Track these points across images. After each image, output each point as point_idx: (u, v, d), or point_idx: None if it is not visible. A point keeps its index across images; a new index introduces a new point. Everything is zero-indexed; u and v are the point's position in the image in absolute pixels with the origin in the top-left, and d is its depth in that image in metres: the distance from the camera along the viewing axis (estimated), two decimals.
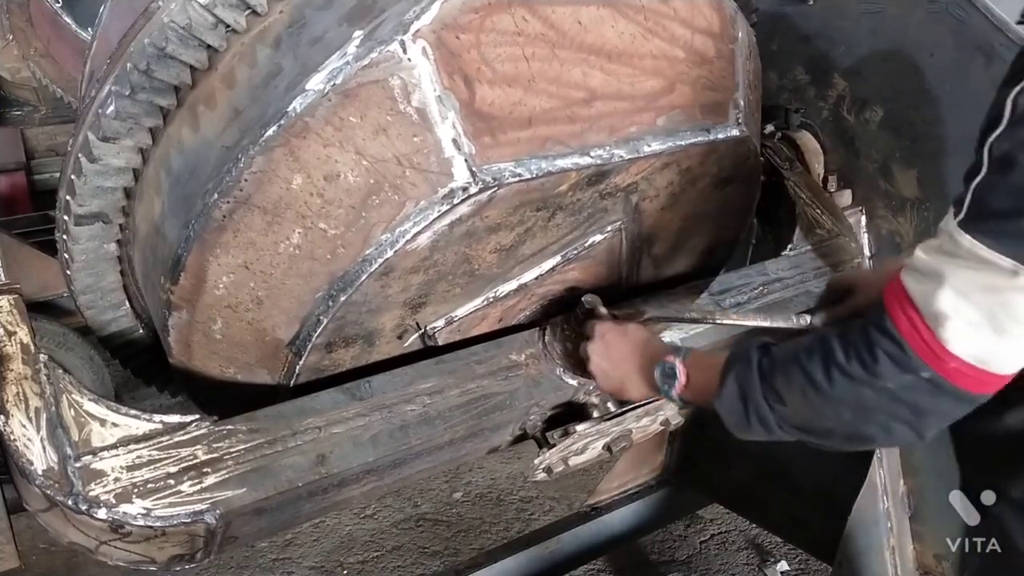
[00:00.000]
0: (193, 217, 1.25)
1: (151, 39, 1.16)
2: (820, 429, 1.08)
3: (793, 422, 1.10)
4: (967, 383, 0.97)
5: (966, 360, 0.95)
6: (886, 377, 0.99)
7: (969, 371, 0.96)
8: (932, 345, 0.96)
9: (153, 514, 1.17)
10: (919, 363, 0.97)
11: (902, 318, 0.98)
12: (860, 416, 1.03)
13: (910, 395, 0.99)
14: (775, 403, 1.10)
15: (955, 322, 0.94)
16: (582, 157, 1.31)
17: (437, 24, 1.19)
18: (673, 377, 1.29)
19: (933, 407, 1.00)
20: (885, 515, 2.04)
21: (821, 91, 2.16)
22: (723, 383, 1.17)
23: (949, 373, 0.96)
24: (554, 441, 1.54)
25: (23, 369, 1.19)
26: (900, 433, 1.04)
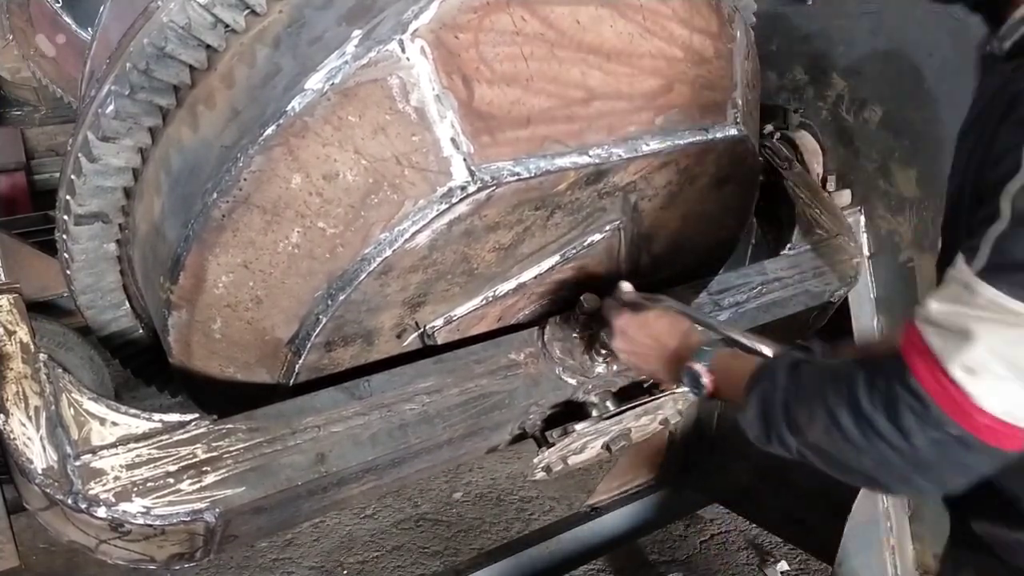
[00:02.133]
0: (192, 217, 1.25)
1: (151, 39, 1.16)
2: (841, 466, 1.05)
3: (815, 454, 1.07)
4: (998, 439, 0.93)
5: (997, 416, 0.91)
6: (912, 436, 0.95)
7: (1000, 427, 0.92)
8: (960, 402, 0.92)
9: (153, 513, 1.17)
10: (946, 419, 0.93)
11: (925, 374, 0.94)
12: (882, 467, 1.00)
13: (936, 453, 0.95)
14: (795, 433, 1.08)
15: (984, 378, 0.90)
16: (580, 156, 1.32)
17: (436, 23, 1.19)
18: (699, 385, 1.29)
19: (961, 464, 0.96)
20: (885, 515, 2.04)
21: (820, 91, 2.16)
22: (747, 400, 1.15)
23: (979, 430, 0.92)
24: (553, 440, 1.54)
25: (23, 368, 1.19)
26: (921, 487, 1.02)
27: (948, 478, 1.00)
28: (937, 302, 0.95)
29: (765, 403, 1.12)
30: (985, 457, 0.95)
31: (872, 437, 0.98)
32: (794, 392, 1.09)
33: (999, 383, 0.90)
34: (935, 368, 0.93)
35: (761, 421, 1.12)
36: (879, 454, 0.98)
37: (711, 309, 1.75)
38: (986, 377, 0.90)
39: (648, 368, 1.44)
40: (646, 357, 1.42)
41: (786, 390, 1.10)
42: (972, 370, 0.91)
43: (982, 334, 0.90)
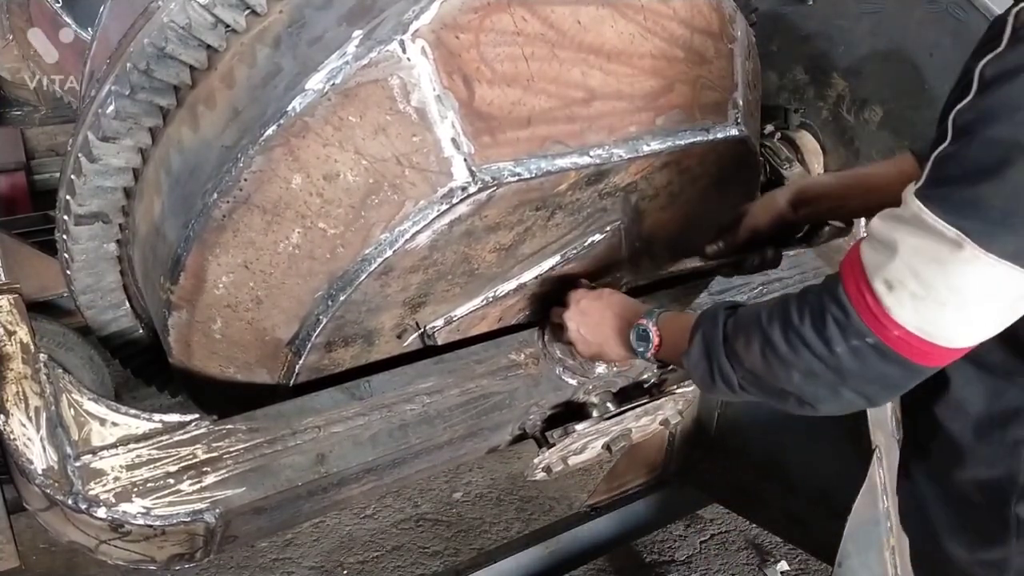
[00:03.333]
0: (193, 217, 1.25)
1: (151, 39, 1.16)
2: (774, 390, 1.09)
3: (752, 382, 1.11)
4: (911, 353, 0.96)
5: (909, 330, 0.95)
6: (834, 343, 0.99)
7: (913, 340, 0.95)
8: (876, 312, 0.95)
9: (153, 513, 1.17)
10: (864, 329, 0.97)
11: (852, 285, 0.98)
12: (809, 380, 1.03)
13: (856, 361, 0.99)
14: (736, 363, 1.12)
15: (899, 291, 0.94)
16: (581, 156, 1.32)
17: (436, 24, 1.19)
18: (647, 340, 1.31)
19: (880, 374, 0.99)
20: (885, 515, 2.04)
21: (821, 91, 2.16)
22: (691, 342, 1.19)
23: (892, 341, 0.96)
24: (553, 441, 1.54)
25: (23, 368, 1.19)
26: (848, 399, 1.04)
27: (870, 390, 1.03)
28: (879, 218, 0.99)
29: (707, 339, 1.16)
30: (900, 369, 0.99)
31: (799, 348, 1.02)
32: (733, 325, 1.14)
33: (912, 299, 0.93)
34: (860, 280, 0.97)
35: (704, 359, 1.16)
36: (806, 365, 1.02)
37: None
38: (902, 292, 0.93)
39: (597, 338, 1.44)
40: (597, 327, 1.43)
41: (726, 324, 1.14)
42: (890, 284, 0.94)
43: (903, 247, 0.93)
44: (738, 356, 1.11)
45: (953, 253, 0.89)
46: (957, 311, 0.93)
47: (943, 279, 0.91)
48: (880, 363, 0.98)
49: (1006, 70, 0.88)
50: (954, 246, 0.89)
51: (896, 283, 0.94)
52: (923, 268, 0.92)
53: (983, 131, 0.88)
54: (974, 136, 0.89)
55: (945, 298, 0.92)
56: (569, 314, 1.47)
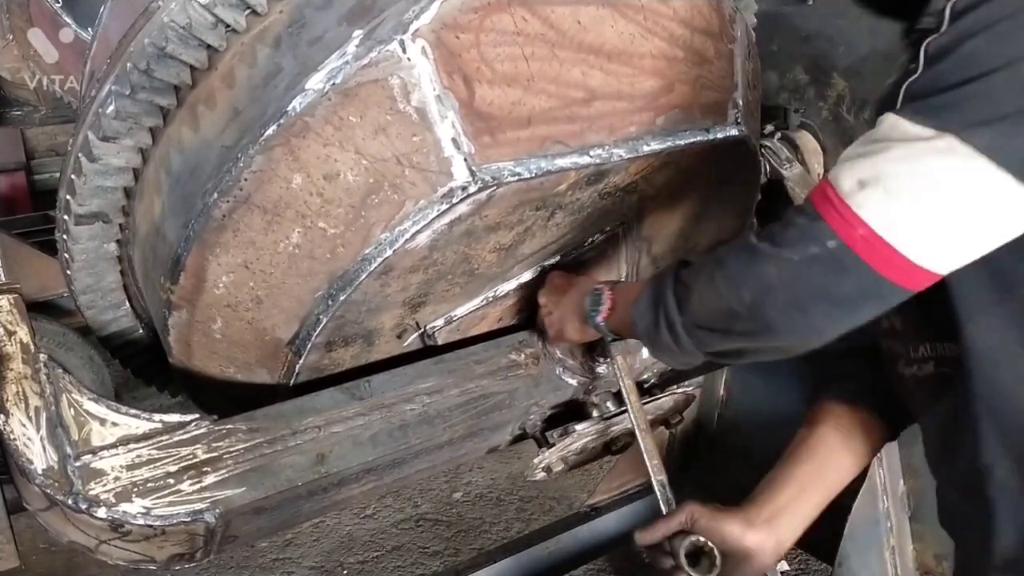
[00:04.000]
0: (193, 217, 1.25)
1: (151, 39, 1.16)
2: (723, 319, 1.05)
3: (698, 318, 1.08)
4: (873, 259, 0.91)
5: (874, 229, 0.90)
6: (790, 245, 0.96)
7: (877, 243, 0.90)
8: (841, 210, 0.92)
9: (153, 513, 1.17)
10: (825, 230, 0.93)
11: (817, 192, 0.96)
12: (761, 296, 0.99)
13: (812, 269, 0.94)
14: (683, 299, 1.09)
15: (871, 189, 0.90)
16: (581, 156, 1.32)
17: (436, 24, 1.19)
18: (599, 304, 1.31)
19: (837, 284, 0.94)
20: (885, 515, 2.04)
21: (821, 91, 2.16)
22: (640, 293, 1.18)
23: (855, 242, 0.91)
24: (554, 441, 1.54)
25: (23, 368, 1.19)
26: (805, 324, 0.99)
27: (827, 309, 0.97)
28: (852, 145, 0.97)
29: (656, 286, 1.15)
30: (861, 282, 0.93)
31: (752, 261, 0.99)
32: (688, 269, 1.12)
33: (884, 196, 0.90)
34: (827, 186, 0.94)
35: (651, 307, 1.14)
36: (758, 278, 0.99)
37: None
38: (874, 189, 0.90)
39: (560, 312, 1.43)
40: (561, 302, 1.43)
41: (676, 271, 1.13)
42: (863, 182, 0.91)
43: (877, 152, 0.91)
44: (686, 287, 1.09)
45: (929, 146, 0.87)
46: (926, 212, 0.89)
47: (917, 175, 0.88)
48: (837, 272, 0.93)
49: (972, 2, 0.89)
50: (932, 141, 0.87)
51: (870, 181, 0.91)
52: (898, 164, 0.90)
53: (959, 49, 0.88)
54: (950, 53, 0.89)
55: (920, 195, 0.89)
56: (541, 291, 1.49)
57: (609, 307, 1.30)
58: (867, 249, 0.91)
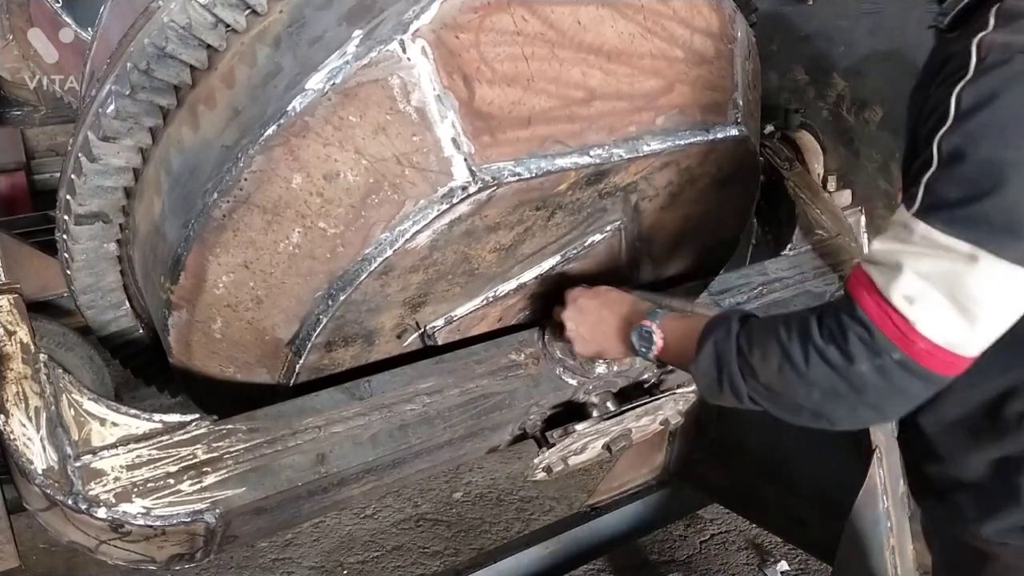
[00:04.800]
0: (193, 216, 1.25)
1: (151, 39, 1.16)
2: (790, 405, 1.10)
3: (764, 395, 1.12)
4: (936, 365, 0.99)
5: (935, 342, 0.97)
6: (858, 361, 1.00)
7: (938, 352, 0.98)
8: (901, 327, 0.98)
9: (153, 513, 1.17)
10: (890, 345, 0.99)
11: (870, 303, 1.00)
12: (830, 398, 1.05)
13: (880, 378, 1.00)
14: (749, 376, 1.12)
15: (922, 304, 0.97)
16: (581, 156, 1.31)
17: (436, 23, 1.19)
18: (651, 342, 1.31)
19: (902, 389, 1.02)
20: (885, 515, 2.04)
21: (821, 91, 2.16)
22: (700, 349, 1.18)
23: (918, 355, 0.98)
24: (554, 441, 1.54)
25: (23, 368, 1.19)
26: (865, 417, 1.08)
27: (889, 405, 1.06)
28: (879, 242, 1.03)
29: (719, 349, 1.16)
30: (923, 382, 1.01)
31: (822, 367, 1.03)
32: (747, 336, 1.14)
33: (936, 310, 0.96)
34: (878, 298, 1.00)
35: (715, 367, 1.16)
36: (829, 383, 1.04)
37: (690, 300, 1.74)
38: (924, 304, 0.97)
39: (596, 336, 1.43)
40: (596, 325, 1.43)
41: (739, 335, 1.14)
42: (911, 298, 0.97)
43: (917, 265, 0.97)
44: (752, 369, 1.11)
45: (969, 265, 0.94)
46: (978, 320, 0.96)
47: (962, 290, 0.95)
48: (904, 378, 1.00)
49: (982, 96, 0.94)
50: (969, 259, 0.94)
51: (917, 297, 0.97)
52: (941, 281, 0.96)
53: (973, 153, 0.94)
54: (965, 158, 0.94)
55: (967, 308, 0.95)
56: (567, 313, 1.46)
57: (660, 348, 1.30)
58: (929, 358, 0.99)
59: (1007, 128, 0.93)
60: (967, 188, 0.94)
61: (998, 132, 0.93)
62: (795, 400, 1.09)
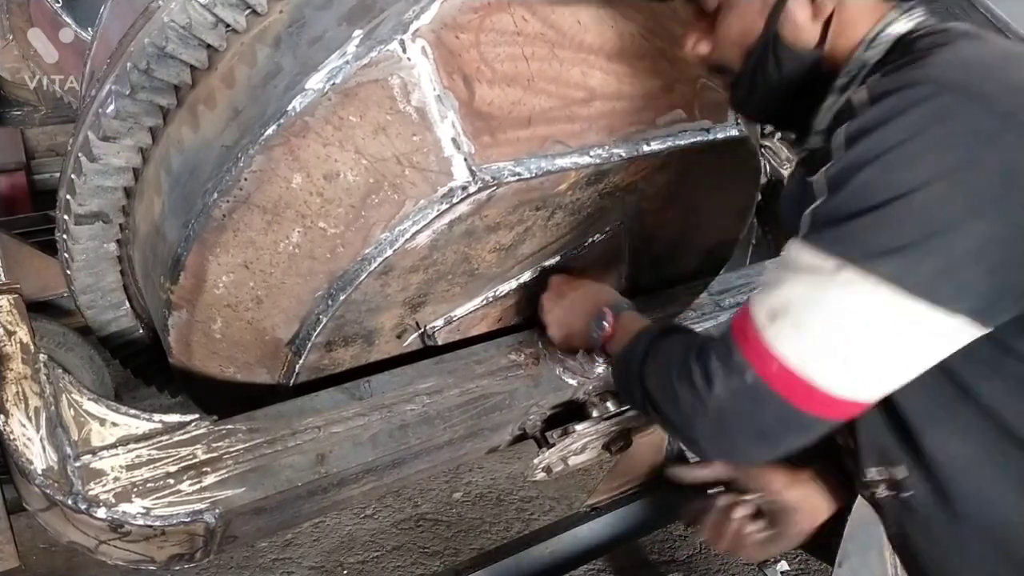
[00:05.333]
0: (193, 216, 1.25)
1: (151, 39, 1.16)
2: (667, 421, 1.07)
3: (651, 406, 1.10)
4: (791, 394, 0.92)
5: (788, 364, 0.92)
6: (713, 381, 0.97)
7: (791, 379, 0.92)
8: (755, 344, 0.94)
9: (152, 513, 1.17)
10: (743, 363, 0.94)
11: (737, 326, 0.97)
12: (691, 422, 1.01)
13: (733, 402, 0.96)
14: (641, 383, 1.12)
15: (781, 322, 0.92)
16: (581, 156, 1.32)
17: (437, 23, 1.19)
18: (601, 328, 1.32)
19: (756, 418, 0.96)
20: None
21: None
22: (623, 349, 1.20)
23: (771, 377, 0.93)
24: (553, 441, 1.54)
25: (23, 369, 1.19)
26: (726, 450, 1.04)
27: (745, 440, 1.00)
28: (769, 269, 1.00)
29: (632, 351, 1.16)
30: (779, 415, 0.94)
31: (684, 387, 1.00)
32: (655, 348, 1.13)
33: (794, 329, 0.92)
34: (745, 318, 0.96)
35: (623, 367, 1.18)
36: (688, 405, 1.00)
37: (712, 309, 1.75)
38: (784, 322, 0.92)
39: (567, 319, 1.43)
40: (569, 309, 1.43)
41: (651, 342, 1.14)
42: (774, 315, 0.93)
43: (784, 283, 0.94)
44: (644, 377, 1.11)
45: (832, 278, 0.89)
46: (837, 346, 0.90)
47: (823, 309, 0.90)
48: (756, 405, 0.95)
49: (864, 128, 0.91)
50: (833, 273, 0.89)
51: (779, 312, 0.93)
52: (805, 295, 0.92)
53: (854, 178, 0.91)
54: (846, 183, 0.91)
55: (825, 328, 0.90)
56: (546, 295, 1.48)
57: (608, 334, 1.31)
58: (783, 384, 0.93)
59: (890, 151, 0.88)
60: (843, 208, 0.91)
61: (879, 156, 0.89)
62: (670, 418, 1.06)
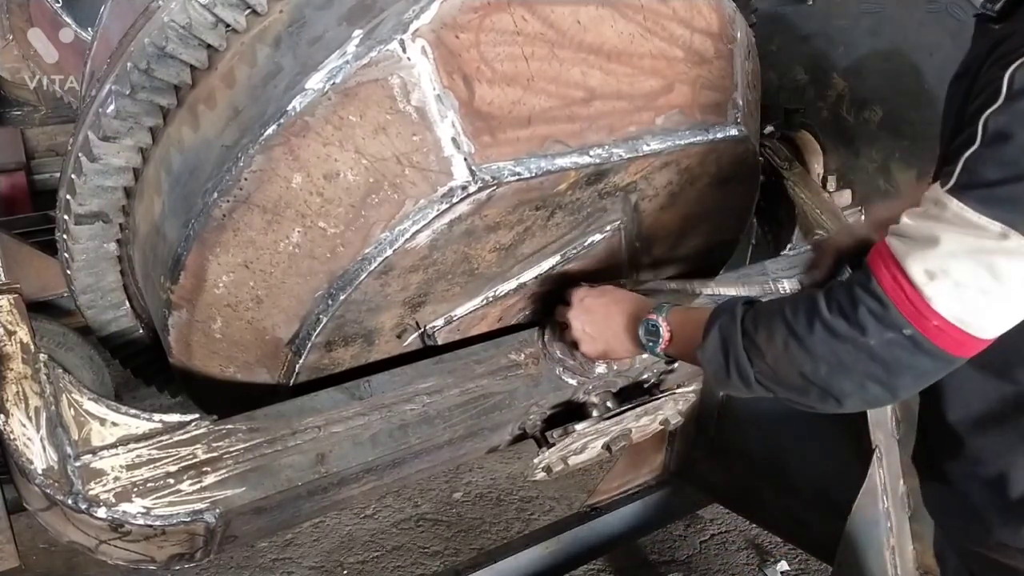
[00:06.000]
0: (193, 216, 1.25)
1: (151, 38, 1.16)
2: (797, 384, 1.08)
3: (771, 376, 1.10)
4: (946, 343, 0.97)
5: (948, 319, 0.96)
6: (868, 333, 0.99)
7: (950, 330, 0.97)
8: (915, 302, 0.96)
9: (153, 513, 1.17)
10: (901, 320, 0.97)
11: (886, 276, 0.99)
12: (837, 372, 1.03)
13: (889, 352, 0.99)
14: (755, 357, 1.11)
15: (941, 281, 0.95)
16: (581, 156, 1.32)
17: (436, 23, 1.19)
18: (658, 335, 1.31)
19: (910, 365, 1.00)
20: (885, 515, 2.04)
21: (820, 91, 2.16)
22: (706, 336, 1.18)
23: (930, 331, 0.97)
24: (553, 440, 1.54)
25: (23, 368, 1.19)
26: (874, 393, 1.05)
27: (899, 382, 1.03)
28: (908, 217, 1.01)
29: (724, 333, 1.15)
30: (934, 361, 0.99)
31: (830, 340, 1.02)
32: (753, 318, 1.13)
33: (954, 288, 0.95)
34: (896, 271, 0.98)
35: (721, 352, 1.15)
36: (836, 357, 1.02)
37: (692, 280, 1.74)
38: (943, 281, 0.95)
39: (604, 334, 1.43)
40: (603, 323, 1.42)
41: (744, 318, 1.14)
42: (931, 273, 0.96)
43: (944, 241, 0.95)
44: (759, 349, 1.10)
45: (999, 244, 0.92)
46: (998, 301, 0.95)
47: (988, 269, 0.93)
48: (914, 354, 0.99)
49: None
50: (999, 238, 0.92)
51: (938, 273, 0.95)
52: (966, 259, 0.94)
53: (1020, 134, 0.91)
54: (1010, 139, 0.92)
55: (988, 287, 0.94)
56: (573, 312, 1.46)
57: (667, 339, 1.30)
58: (940, 336, 0.97)
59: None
60: (1007, 169, 0.92)
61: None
62: (801, 378, 1.06)
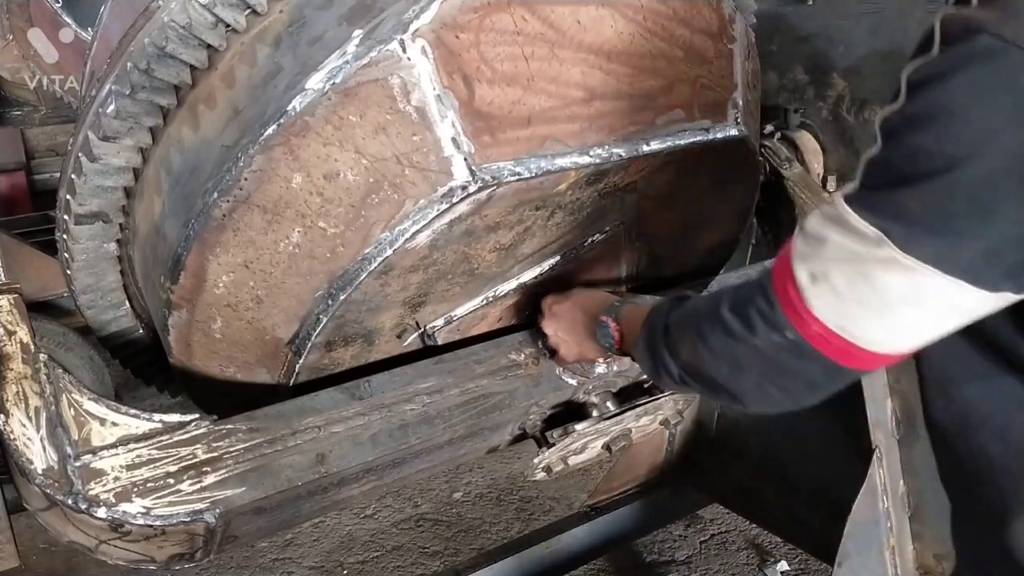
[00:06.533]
0: (193, 216, 1.25)
1: (151, 38, 1.16)
2: (708, 382, 1.08)
3: (691, 373, 1.10)
4: (831, 351, 0.95)
5: (829, 327, 0.93)
6: (756, 334, 0.98)
7: (832, 338, 0.94)
8: (797, 306, 0.94)
9: (153, 513, 1.17)
10: (784, 322, 0.95)
11: (779, 278, 0.96)
12: (735, 372, 1.03)
13: (776, 355, 0.97)
14: (674, 355, 1.12)
15: (821, 285, 0.92)
16: (581, 156, 1.32)
17: (436, 23, 1.19)
18: (609, 336, 1.33)
19: (798, 371, 0.98)
20: (885, 515, 2.04)
21: (820, 91, 2.16)
22: (640, 334, 1.19)
23: (812, 337, 0.94)
24: (553, 440, 1.54)
25: (23, 368, 1.19)
26: (774, 396, 1.03)
27: (792, 387, 1.01)
28: (812, 215, 0.98)
29: (651, 332, 1.16)
30: (820, 368, 0.96)
31: (726, 339, 1.01)
32: (675, 317, 1.13)
33: (833, 295, 0.92)
34: (787, 273, 0.96)
35: (648, 351, 1.17)
36: (732, 356, 1.02)
37: None
38: (823, 286, 0.92)
39: (574, 337, 1.44)
40: (572, 327, 1.44)
41: (668, 316, 1.14)
42: (814, 276, 0.93)
43: (829, 244, 0.92)
44: (676, 348, 1.11)
45: (872, 252, 0.88)
46: (876, 312, 0.91)
47: (862, 278, 0.90)
48: (800, 359, 0.96)
49: (930, 75, 0.86)
50: (874, 246, 0.88)
51: (820, 277, 0.93)
52: (844, 265, 0.91)
53: (906, 138, 0.87)
54: (898, 142, 0.88)
55: (864, 297, 0.90)
56: (545, 321, 1.49)
57: (617, 340, 1.32)
58: (823, 343, 0.94)
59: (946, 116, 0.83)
60: (890, 172, 0.88)
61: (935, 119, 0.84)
62: (709, 374, 1.06)
